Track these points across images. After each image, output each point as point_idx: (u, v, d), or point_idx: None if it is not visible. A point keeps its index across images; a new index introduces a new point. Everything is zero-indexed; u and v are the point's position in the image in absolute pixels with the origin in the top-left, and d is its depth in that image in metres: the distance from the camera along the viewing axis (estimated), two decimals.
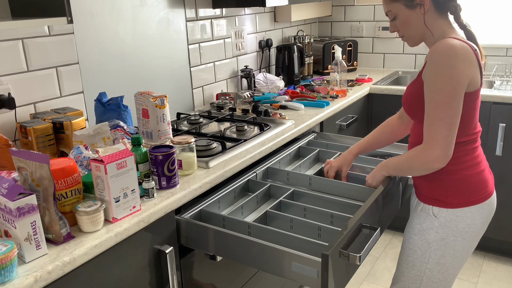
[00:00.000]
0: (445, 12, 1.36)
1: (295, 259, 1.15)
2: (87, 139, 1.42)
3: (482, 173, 1.39)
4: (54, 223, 1.07)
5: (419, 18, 1.35)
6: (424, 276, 1.44)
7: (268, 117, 2.09)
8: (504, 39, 2.95)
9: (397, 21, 1.39)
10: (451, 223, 1.38)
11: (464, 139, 1.35)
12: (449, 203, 1.37)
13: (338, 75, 2.59)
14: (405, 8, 1.36)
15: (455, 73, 1.24)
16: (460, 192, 1.37)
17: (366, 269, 2.65)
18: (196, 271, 1.48)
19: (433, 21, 1.36)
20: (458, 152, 1.34)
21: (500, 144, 2.48)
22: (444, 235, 1.39)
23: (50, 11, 1.36)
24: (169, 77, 2.20)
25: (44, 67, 1.64)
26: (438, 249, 1.41)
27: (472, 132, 1.36)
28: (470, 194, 1.37)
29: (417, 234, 1.44)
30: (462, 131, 1.33)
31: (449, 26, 1.37)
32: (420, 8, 1.34)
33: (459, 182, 1.37)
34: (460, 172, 1.36)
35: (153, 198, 1.31)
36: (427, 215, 1.41)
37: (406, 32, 1.40)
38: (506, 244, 2.68)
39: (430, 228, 1.41)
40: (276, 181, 1.70)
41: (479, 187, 1.38)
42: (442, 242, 1.40)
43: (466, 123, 1.33)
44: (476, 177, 1.38)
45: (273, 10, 2.93)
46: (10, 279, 0.96)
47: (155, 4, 2.07)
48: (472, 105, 1.32)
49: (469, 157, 1.37)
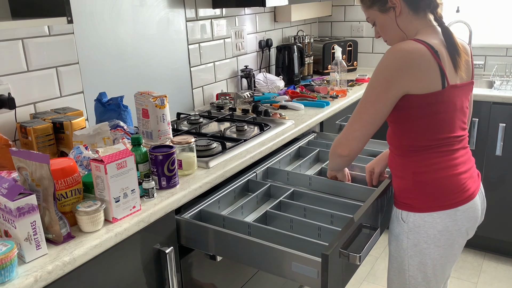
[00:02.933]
0: (421, 11, 1.32)
1: (295, 259, 1.15)
2: (87, 139, 1.42)
3: (457, 177, 1.32)
4: (54, 223, 1.07)
5: (393, 21, 1.34)
6: (410, 284, 1.40)
7: (268, 117, 2.09)
8: (504, 39, 2.95)
9: (377, 26, 1.40)
10: (420, 229, 1.33)
11: (427, 143, 1.30)
12: (416, 207, 1.33)
13: (338, 75, 2.59)
14: (379, 13, 1.36)
15: (392, 77, 1.24)
16: (427, 196, 1.32)
17: (366, 269, 2.65)
18: (196, 271, 1.48)
19: (409, 22, 1.32)
20: (425, 155, 1.31)
21: (500, 144, 2.48)
22: (416, 241, 1.35)
23: (50, 11, 1.36)
24: (169, 77, 2.20)
25: (44, 67, 1.64)
26: (414, 255, 1.36)
27: (441, 137, 1.30)
28: (439, 198, 1.31)
29: (393, 240, 1.42)
30: (420, 136, 1.30)
31: (424, 26, 1.32)
32: (393, 11, 1.33)
33: (426, 185, 1.32)
34: (426, 174, 1.32)
35: (153, 198, 1.31)
36: (398, 220, 1.39)
37: (385, 36, 1.40)
38: (506, 244, 2.68)
39: (401, 233, 1.37)
40: (276, 181, 1.70)
41: (451, 191, 1.31)
42: (416, 249, 1.35)
43: (425, 128, 1.29)
44: (447, 181, 1.31)
45: (273, 10, 2.93)
46: (10, 279, 0.96)
47: (155, 4, 2.07)
48: (433, 108, 1.26)
49: (437, 160, 1.31)
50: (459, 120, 1.33)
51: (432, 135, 1.29)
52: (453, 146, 1.32)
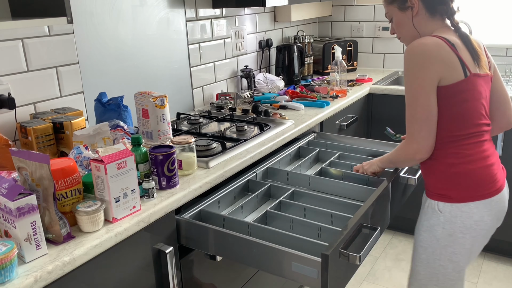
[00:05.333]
0: (437, 15, 1.41)
1: (295, 259, 1.15)
2: (87, 139, 1.43)
3: (489, 168, 1.38)
4: (54, 223, 1.07)
5: (409, 20, 1.43)
6: (439, 273, 1.45)
7: (268, 117, 2.09)
8: (504, 39, 2.95)
9: (393, 22, 1.48)
10: (457, 219, 1.38)
11: (463, 132, 1.36)
12: (453, 197, 1.38)
13: (338, 75, 2.59)
14: (398, 10, 1.45)
15: (420, 71, 1.31)
16: (464, 186, 1.37)
17: (366, 269, 2.65)
18: (196, 271, 1.48)
19: (424, 22, 1.41)
20: (459, 146, 1.37)
21: (500, 144, 2.48)
22: (451, 231, 1.39)
23: (50, 11, 1.36)
24: (169, 77, 2.20)
25: (44, 67, 1.64)
26: (447, 245, 1.41)
27: (472, 124, 1.36)
28: (475, 188, 1.37)
29: (425, 231, 1.45)
30: (457, 124, 1.35)
31: (441, 27, 1.41)
32: (411, 11, 1.41)
33: (462, 176, 1.37)
34: (462, 165, 1.37)
35: (153, 198, 1.31)
36: (433, 211, 1.42)
37: (400, 33, 1.49)
38: (506, 244, 2.68)
39: (437, 224, 1.41)
40: (276, 181, 1.70)
41: (486, 181, 1.37)
42: (451, 239, 1.40)
43: (457, 116, 1.35)
44: (482, 171, 1.37)
45: (273, 10, 2.93)
46: (10, 279, 0.96)
47: (155, 4, 2.07)
48: (459, 97, 1.33)
49: (471, 151, 1.37)
50: (485, 109, 1.39)
51: (463, 122, 1.35)
52: (482, 137, 1.39)
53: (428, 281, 1.48)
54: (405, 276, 2.56)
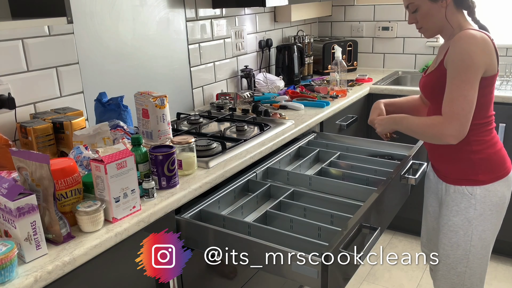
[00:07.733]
0: (461, 8, 1.46)
1: (295, 259, 1.15)
2: (87, 139, 1.42)
3: (502, 150, 1.53)
4: (54, 223, 1.07)
5: (440, 11, 1.45)
6: (470, 254, 1.52)
7: (268, 117, 2.09)
8: (504, 39, 2.94)
9: (418, 13, 1.48)
10: (486, 199, 1.49)
11: (483, 120, 1.46)
12: (481, 180, 1.48)
13: (338, 75, 2.59)
14: (428, 1, 1.44)
15: (476, 59, 1.35)
16: (488, 169, 1.49)
17: (366, 269, 2.65)
18: (196, 271, 1.48)
19: (452, 14, 1.45)
20: (480, 133, 1.47)
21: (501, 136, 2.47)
22: (482, 211, 1.49)
23: (50, 11, 1.36)
24: (169, 77, 2.20)
25: (44, 67, 1.64)
26: (479, 225, 1.50)
27: (489, 115, 1.49)
28: (496, 170, 1.50)
29: (456, 215, 1.52)
30: (481, 113, 1.44)
31: (464, 20, 1.47)
32: (442, 2, 1.43)
33: (486, 161, 1.48)
34: (485, 151, 1.48)
35: (153, 198, 1.31)
36: (462, 196, 1.50)
37: (425, 24, 1.49)
38: (506, 244, 2.68)
39: (469, 206, 1.50)
40: (276, 181, 1.70)
41: (502, 162, 1.52)
42: (481, 218, 1.50)
43: (484, 105, 1.44)
44: (498, 154, 1.51)
45: (273, 10, 2.93)
46: (10, 279, 0.96)
47: (155, 4, 2.06)
48: (489, 88, 1.44)
49: (489, 138, 1.49)
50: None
51: (483, 112, 1.45)
52: (491, 125, 1.51)
53: (457, 263, 1.54)
54: (405, 276, 2.56)
